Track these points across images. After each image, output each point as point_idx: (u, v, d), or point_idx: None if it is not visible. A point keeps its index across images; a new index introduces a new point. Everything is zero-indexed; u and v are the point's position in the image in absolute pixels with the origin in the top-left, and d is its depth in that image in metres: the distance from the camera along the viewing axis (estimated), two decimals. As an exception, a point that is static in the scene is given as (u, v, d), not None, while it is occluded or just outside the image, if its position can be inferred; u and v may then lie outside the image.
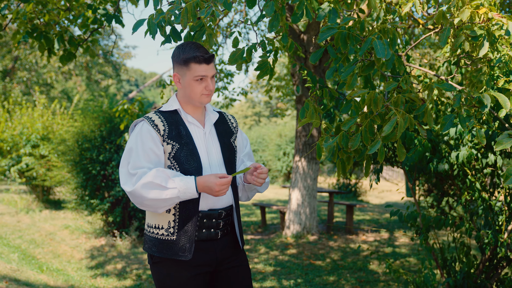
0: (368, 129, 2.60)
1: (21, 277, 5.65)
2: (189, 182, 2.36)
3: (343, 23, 2.83)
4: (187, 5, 2.54)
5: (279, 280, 6.10)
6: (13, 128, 11.24)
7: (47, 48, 4.60)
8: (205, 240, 2.49)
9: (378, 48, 2.69)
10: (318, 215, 11.65)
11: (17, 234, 8.65)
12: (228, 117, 2.72)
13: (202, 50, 2.44)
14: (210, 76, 2.46)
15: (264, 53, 3.02)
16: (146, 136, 2.43)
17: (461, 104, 2.89)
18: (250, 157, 2.77)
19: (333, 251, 7.65)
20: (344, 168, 2.82)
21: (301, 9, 2.91)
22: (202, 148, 2.51)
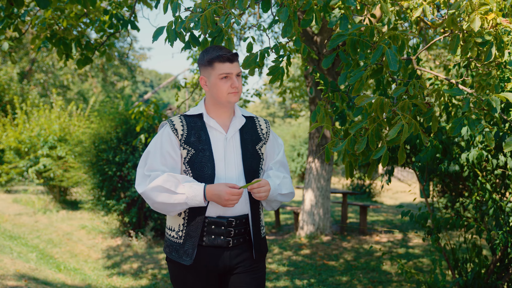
0: (375, 133, 2.67)
1: (40, 276, 5.78)
2: (198, 190, 2.37)
3: (353, 30, 2.90)
4: (206, 13, 2.63)
5: (292, 280, 6.17)
6: (30, 129, 11.42)
7: (65, 53, 4.72)
8: (213, 246, 2.47)
9: (390, 59, 2.75)
10: (332, 215, 11.69)
11: (35, 234, 8.81)
12: (259, 122, 2.65)
13: (225, 50, 2.46)
14: (235, 74, 2.45)
15: (277, 57, 3.09)
16: (165, 139, 2.47)
17: (471, 107, 2.94)
18: (282, 165, 2.67)
19: (346, 252, 7.70)
20: (352, 170, 2.88)
21: (310, 15, 2.98)
22: (219, 155, 2.48)
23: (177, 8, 2.76)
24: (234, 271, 2.53)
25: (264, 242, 2.62)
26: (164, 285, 6.06)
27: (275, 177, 2.55)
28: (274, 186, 2.50)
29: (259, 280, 2.59)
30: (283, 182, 2.57)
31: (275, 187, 2.51)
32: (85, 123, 11.45)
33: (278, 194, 2.53)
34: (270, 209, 2.63)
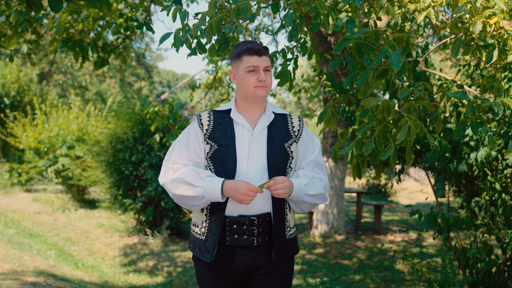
0: (382, 134, 2.73)
1: (58, 273, 5.93)
2: (216, 184, 2.34)
3: (359, 34, 2.96)
4: (211, 21, 2.72)
5: (305, 278, 6.25)
6: (50, 130, 11.62)
7: (82, 55, 4.86)
8: (237, 246, 2.43)
9: (393, 59, 2.81)
10: (346, 215, 11.73)
11: (54, 232, 9.00)
12: (291, 120, 2.57)
13: (255, 43, 2.42)
14: (262, 67, 2.40)
15: (284, 61, 3.17)
16: (192, 134, 2.48)
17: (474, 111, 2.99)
18: (316, 165, 2.57)
19: (360, 251, 7.74)
20: (360, 171, 2.95)
21: (318, 19, 3.05)
22: (243, 151, 2.44)
23: (186, 16, 2.85)
24: (258, 272, 2.48)
25: (289, 244, 2.52)
26: (179, 283, 6.18)
27: (304, 176, 2.47)
28: (300, 186, 2.41)
29: (282, 283, 2.51)
30: (311, 183, 2.47)
31: (301, 187, 2.42)
32: (103, 123, 11.62)
33: (304, 195, 2.44)
34: (300, 211, 2.54)
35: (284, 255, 2.48)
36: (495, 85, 3.10)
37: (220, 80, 8.84)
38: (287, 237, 2.49)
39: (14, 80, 14.15)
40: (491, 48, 2.97)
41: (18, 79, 14.25)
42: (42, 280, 5.30)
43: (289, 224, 2.53)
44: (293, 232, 2.58)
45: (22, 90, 14.27)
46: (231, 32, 2.70)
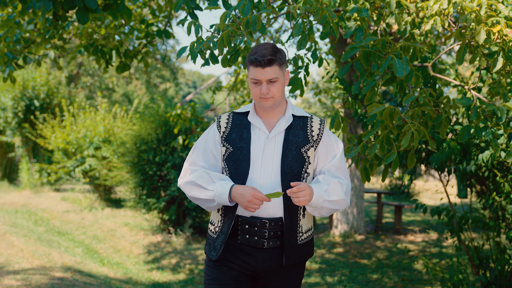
0: (385, 139, 2.86)
1: (85, 269, 6.19)
2: (225, 188, 2.35)
3: (366, 42, 3.10)
4: (222, 35, 2.89)
5: (323, 276, 6.38)
6: (77, 131, 11.94)
7: (105, 60, 5.09)
8: (248, 245, 2.43)
9: (397, 67, 2.94)
10: (368, 215, 11.79)
11: (81, 231, 9.29)
12: (312, 123, 2.51)
13: (261, 53, 2.33)
14: (265, 80, 2.34)
15: (295, 69, 3.32)
16: (210, 136, 2.51)
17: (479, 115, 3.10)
18: (338, 169, 2.50)
19: (379, 251, 7.83)
20: (367, 174, 3.08)
21: (327, 28, 3.19)
22: (257, 154, 2.42)
23: (200, 29, 3.03)
24: (266, 275, 2.47)
25: (301, 249, 2.49)
26: (200, 280, 6.37)
27: (324, 182, 2.42)
28: (320, 192, 2.36)
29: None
30: (332, 188, 2.41)
31: (321, 193, 2.37)
32: (128, 125, 11.90)
33: (325, 201, 2.39)
34: (319, 215, 2.49)
35: (294, 261, 2.46)
36: (500, 91, 3.20)
37: (242, 82, 9.01)
38: (298, 242, 2.46)
39: (44, 83, 14.55)
40: (496, 55, 3.07)
41: (47, 82, 14.65)
42: (69, 276, 5.55)
43: (302, 229, 2.48)
44: (306, 237, 2.52)
45: (51, 93, 14.66)
46: (241, 44, 2.86)
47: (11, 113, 14.21)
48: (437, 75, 3.59)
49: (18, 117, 14.24)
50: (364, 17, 3.17)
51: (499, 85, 3.18)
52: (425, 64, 3.62)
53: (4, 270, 5.54)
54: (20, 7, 4.02)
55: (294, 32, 3.08)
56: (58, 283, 5.15)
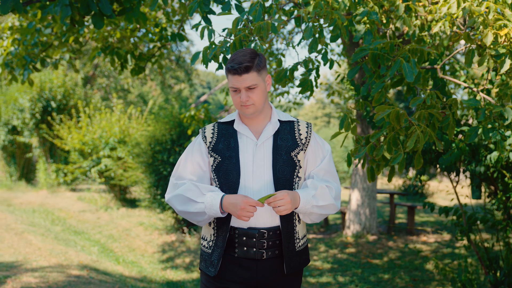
0: (392, 141, 2.93)
1: (100, 267, 6.31)
2: (215, 199, 2.28)
3: (375, 45, 3.16)
4: (234, 40, 2.97)
5: (335, 276, 6.44)
6: (93, 132, 12.12)
7: (120, 62, 5.21)
8: (246, 258, 2.36)
9: (407, 71, 3.00)
10: (381, 215, 11.81)
11: (97, 230, 9.44)
12: (299, 127, 2.47)
13: (238, 60, 2.29)
14: (243, 88, 2.29)
15: (306, 71, 3.40)
16: (196, 148, 2.45)
17: (486, 117, 3.15)
18: (327, 172, 2.47)
19: (392, 251, 7.86)
20: (373, 174, 3.15)
21: (336, 31, 3.26)
22: (248, 162, 2.37)
23: (212, 34, 3.12)
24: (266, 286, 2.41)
25: (299, 256, 2.45)
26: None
27: (312, 187, 2.37)
28: (307, 198, 2.32)
29: None
30: (320, 193, 2.37)
31: (308, 198, 2.32)
32: (143, 126, 12.05)
33: (313, 206, 2.35)
34: (310, 222, 2.44)
35: (294, 268, 2.42)
36: (508, 92, 3.24)
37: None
38: (297, 249, 2.42)
39: (60, 84, 14.77)
40: (504, 57, 3.12)
41: (64, 83, 14.87)
42: (85, 273, 5.68)
43: (299, 235, 2.44)
44: (303, 243, 2.48)
45: (67, 94, 14.88)
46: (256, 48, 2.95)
47: (29, 114, 14.45)
48: (446, 77, 3.64)
49: (36, 118, 14.49)
50: (374, 20, 3.23)
51: (507, 87, 3.23)
52: (434, 66, 3.67)
53: (23, 268, 5.69)
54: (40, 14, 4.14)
55: (305, 36, 3.16)
56: (74, 281, 5.28)
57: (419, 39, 3.69)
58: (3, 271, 5.54)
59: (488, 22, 3.10)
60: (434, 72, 3.82)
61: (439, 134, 3.79)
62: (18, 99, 14.71)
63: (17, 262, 5.99)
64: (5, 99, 15.50)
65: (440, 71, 3.66)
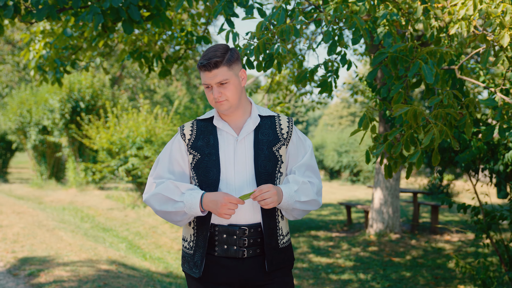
0: (410, 139, 3.03)
1: (128, 263, 6.52)
2: (195, 198, 2.23)
3: (394, 48, 3.26)
4: (258, 43, 3.11)
5: (356, 274, 6.53)
6: (120, 131, 12.39)
7: (148, 65, 5.40)
8: (226, 257, 2.30)
9: (426, 73, 3.10)
10: (405, 215, 11.82)
11: (125, 227, 9.68)
12: (280, 121, 2.42)
13: (207, 56, 2.25)
14: (214, 84, 2.25)
15: (325, 73, 3.52)
16: (175, 146, 2.40)
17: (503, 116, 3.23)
18: (308, 168, 2.42)
19: (414, 250, 7.91)
20: (391, 171, 3.25)
21: (357, 34, 3.38)
22: (228, 159, 2.32)
23: (236, 37, 3.27)
24: (250, 286, 2.34)
25: (283, 253, 2.38)
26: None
27: (294, 182, 2.32)
28: (290, 193, 2.28)
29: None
30: (302, 188, 2.33)
31: (291, 194, 2.28)
32: (169, 125, 12.28)
33: (295, 202, 2.30)
34: (293, 218, 2.41)
35: (278, 266, 2.34)
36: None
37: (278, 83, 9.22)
38: (280, 246, 2.36)
39: (89, 85, 15.13)
40: (519, 58, 3.19)
41: (92, 84, 15.23)
42: (114, 268, 5.89)
43: (282, 232, 2.38)
44: (287, 240, 2.42)
45: (95, 95, 15.23)
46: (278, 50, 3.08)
47: (59, 115, 14.84)
48: (464, 77, 3.72)
49: (65, 118, 14.87)
50: (395, 20, 3.33)
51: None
52: (452, 66, 3.75)
53: (55, 262, 5.93)
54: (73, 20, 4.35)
55: (324, 39, 3.28)
56: (104, 275, 5.49)
57: (437, 40, 3.78)
58: (37, 265, 5.79)
59: (505, 23, 3.18)
60: (452, 73, 3.90)
61: (457, 133, 3.86)
62: (48, 100, 15.12)
63: (49, 256, 6.23)
64: (36, 100, 15.94)
65: (458, 72, 3.74)
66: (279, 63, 3.27)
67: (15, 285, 5.06)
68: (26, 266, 5.74)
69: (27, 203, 11.64)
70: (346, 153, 22.31)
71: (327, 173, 24.65)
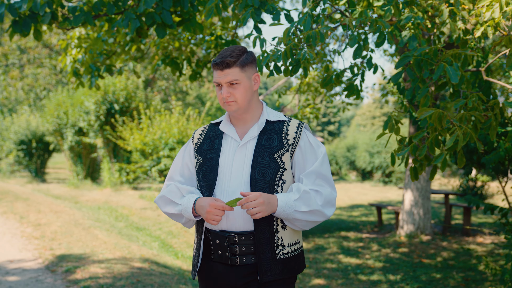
0: (434, 141, 3.07)
1: (160, 261, 6.70)
2: (190, 202, 2.25)
3: (419, 52, 3.30)
4: (286, 48, 3.21)
5: (385, 275, 6.54)
6: (153, 133, 12.65)
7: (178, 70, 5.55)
8: (221, 262, 2.27)
9: (451, 74, 3.14)
10: (437, 216, 11.72)
11: (157, 226, 9.89)
12: (288, 127, 2.31)
13: (222, 55, 2.23)
14: (224, 83, 2.22)
15: (351, 76, 3.59)
16: (187, 150, 2.44)
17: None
18: (318, 176, 2.25)
19: (446, 251, 7.86)
20: (416, 173, 3.30)
21: (381, 38, 3.43)
22: (227, 164, 2.28)
23: (264, 43, 3.37)
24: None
25: (282, 265, 2.25)
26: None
27: (296, 191, 2.20)
28: (288, 202, 2.16)
29: None
30: (304, 198, 2.18)
31: (289, 203, 2.16)
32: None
33: (295, 212, 2.17)
34: (298, 229, 2.27)
35: (273, 277, 2.22)
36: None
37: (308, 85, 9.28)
38: (278, 256, 2.23)
39: (123, 88, 15.47)
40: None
41: (126, 87, 15.56)
42: (147, 266, 6.06)
43: (282, 242, 2.25)
44: (291, 251, 2.28)
45: (129, 97, 15.56)
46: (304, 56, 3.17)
47: (94, 116, 15.21)
48: (490, 79, 3.73)
49: (100, 120, 15.24)
50: (419, 23, 3.37)
51: (550, 89, 3.30)
52: (479, 69, 3.77)
53: (90, 259, 6.14)
54: (107, 26, 4.52)
55: (350, 44, 3.35)
56: (137, 272, 5.66)
57: (463, 42, 3.79)
58: (73, 262, 6.01)
59: (530, 26, 3.19)
60: (478, 75, 3.91)
61: (483, 135, 3.87)
62: (84, 102, 15.52)
63: (85, 254, 6.46)
64: (72, 102, 16.38)
65: (484, 74, 3.75)
66: (305, 68, 3.35)
67: (53, 281, 5.27)
68: (63, 263, 5.97)
69: (64, 203, 11.99)
70: (378, 154, 22.16)
71: (359, 174, 24.52)
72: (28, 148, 19.11)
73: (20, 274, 5.53)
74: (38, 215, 9.59)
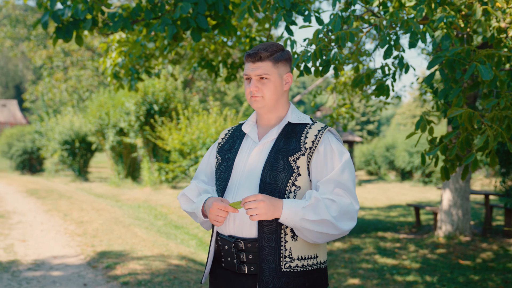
0: (465, 141, 3.07)
1: (197, 259, 6.83)
2: (201, 201, 2.18)
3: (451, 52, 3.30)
4: (316, 49, 3.26)
5: (422, 275, 6.49)
6: (192, 133, 12.85)
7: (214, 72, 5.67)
8: (230, 270, 2.15)
9: (483, 72, 3.13)
10: (478, 217, 11.50)
11: (195, 225, 10.04)
12: (308, 130, 2.15)
13: (257, 48, 2.14)
14: (254, 76, 2.11)
15: (382, 77, 3.61)
16: (213, 149, 2.40)
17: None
18: (338, 185, 2.05)
19: (485, 253, 7.73)
20: (448, 173, 3.30)
21: (414, 38, 3.44)
22: (241, 165, 2.18)
23: (294, 44, 3.43)
24: None
25: (289, 278, 2.05)
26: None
27: (308, 198, 2.01)
28: (296, 209, 1.98)
29: None
30: (314, 205, 1.98)
31: (296, 209, 1.98)
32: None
33: (302, 220, 1.97)
34: (310, 241, 2.06)
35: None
36: None
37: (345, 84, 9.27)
38: (283, 269, 2.04)
39: (162, 89, 15.76)
40: None
41: (165, 88, 15.86)
42: (184, 263, 6.21)
43: (290, 254, 2.06)
44: (299, 266, 2.08)
45: (168, 97, 15.84)
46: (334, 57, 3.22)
47: (134, 117, 15.56)
48: (526, 78, 3.68)
49: (140, 121, 15.57)
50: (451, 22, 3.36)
51: None
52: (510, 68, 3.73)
53: (129, 256, 6.33)
54: (145, 31, 4.67)
55: (380, 44, 3.38)
56: (174, 269, 5.81)
57: (498, 41, 3.76)
58: (113, 258, 6.21)
59: None
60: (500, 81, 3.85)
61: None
62: (124, 103, 15.89)
63: (125, 251, 6.66)
64: (113, 103, 16.79)
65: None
66: (335, 69, 3.39)
67: (94, 276, 5.47)
68: (104, 259, 6.18)
69: (105, 201, 12.33)
70: (418, 153, 21.83)
71: (398, 174, 24.22)
72: (71, 148, 19.69)
73: (63, 270, 5.76)
74: (80, 213, 9.91)
